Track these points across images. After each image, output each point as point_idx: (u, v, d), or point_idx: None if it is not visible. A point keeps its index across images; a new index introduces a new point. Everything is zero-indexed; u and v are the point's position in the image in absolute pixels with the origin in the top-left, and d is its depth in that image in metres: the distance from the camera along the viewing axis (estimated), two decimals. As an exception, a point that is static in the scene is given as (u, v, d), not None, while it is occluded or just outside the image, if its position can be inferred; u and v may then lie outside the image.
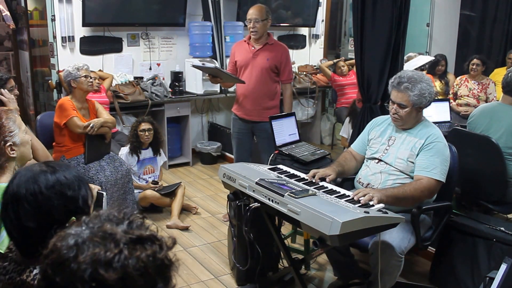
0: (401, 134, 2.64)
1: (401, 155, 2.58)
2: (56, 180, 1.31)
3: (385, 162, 2.63)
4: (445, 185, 2.56)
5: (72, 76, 3.57)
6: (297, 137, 3.40)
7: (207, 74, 4.08)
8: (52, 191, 1.29)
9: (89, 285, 0.79)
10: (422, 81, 2.51)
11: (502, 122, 3.22)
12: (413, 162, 2.54)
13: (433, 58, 5.35)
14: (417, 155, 2.53)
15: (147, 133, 4.07)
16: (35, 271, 1.25)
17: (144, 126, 4.08)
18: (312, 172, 2.57)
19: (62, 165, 1.38)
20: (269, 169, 2.69)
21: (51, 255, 0.85)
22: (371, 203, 2.24)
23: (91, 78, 3.65)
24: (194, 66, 3.99)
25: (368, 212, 2.06)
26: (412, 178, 2.54)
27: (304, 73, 6.08)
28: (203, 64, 3.79)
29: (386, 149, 2.66)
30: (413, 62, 4.67)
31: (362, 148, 2.82)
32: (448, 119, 4.46)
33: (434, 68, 5.52)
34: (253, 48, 3.77)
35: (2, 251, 1.81)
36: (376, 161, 2.67)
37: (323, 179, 2.53)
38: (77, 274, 0.79)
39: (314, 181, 2.50)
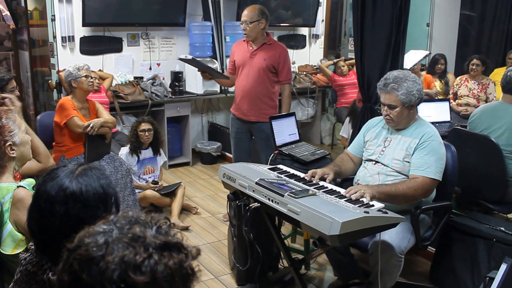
0: (396, 135, 2.64)
1: (397, 155, 2.58)
2: (68, 192, 1.19)
3: (382, 163, 2.63)
4: (444, 185, 2.56)
5: (73, 76, 3.58)
6: (297, 137, 3.40)
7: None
8: (56, 201, 1.20)
9: (117, 286, 0.78)
10: (407, 80, 2.51)
11: (503, 120, 3.23)
12: (409, 162, 2.54)
13: (428, 52, 5.36)
14: (412, 154, 2.53)
15: (147, 133, 4.07)
16: (45, 266, 1.24)
17: (144, 126, 4.08)
18: (310, 172, 2.57)
19: (93, 173, 1.24)
20: (269, 169, 2.69)
21: (78, 249, 0.83)
22: (365, 200, 2.24)
23: (91, 78, 3.66)
24: (179, 59, 3.96)
25: (368, 212, 2.06)
26: (410, 178, 2.54)
27: (304, 73, 6.08)
28: (185, 56, 3.77)
29: (382, 151, 2.66)
30: (409, 61, 4.65)
31: (358, 150, 2.83)
32: (448, 119, 4.46)
33: (434, 67, 5.54)
34: (251, 48, 3.74)
35: (5, 252, 1.82)
36: (373, 162, 2.67)
37: (322, 179, 2.53)
38: (105, 274, 0.79)
39: (314, 181, 2.50)
